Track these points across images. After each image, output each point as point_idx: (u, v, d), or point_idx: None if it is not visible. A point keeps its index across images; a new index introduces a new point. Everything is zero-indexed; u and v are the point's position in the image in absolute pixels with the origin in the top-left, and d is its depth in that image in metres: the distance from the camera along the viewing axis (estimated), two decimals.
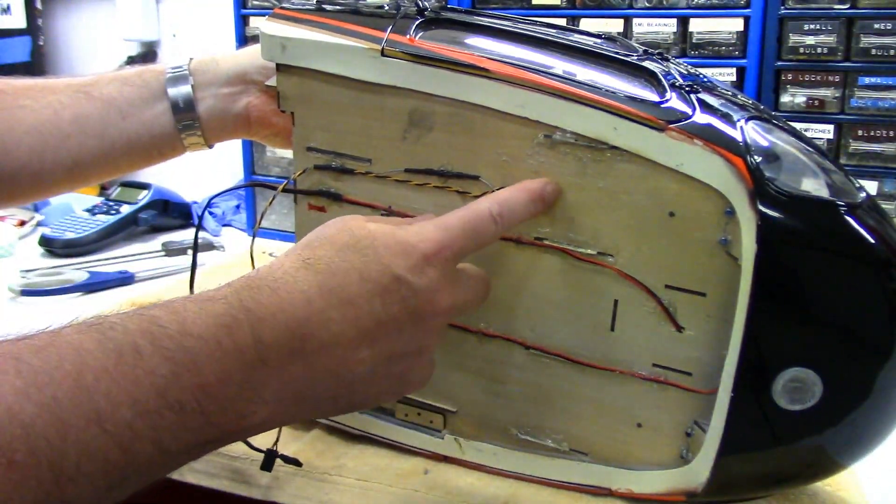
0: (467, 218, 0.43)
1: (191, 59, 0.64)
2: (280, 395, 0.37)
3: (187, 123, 0.62)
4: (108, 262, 1.04)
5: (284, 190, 0.53)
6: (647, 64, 0.48)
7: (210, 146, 0.65)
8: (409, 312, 0.40)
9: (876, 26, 0.86)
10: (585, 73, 0.47)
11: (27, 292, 0.89)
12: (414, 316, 0.40)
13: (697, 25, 0.94)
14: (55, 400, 0.30)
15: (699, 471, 0.47)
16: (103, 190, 1.29)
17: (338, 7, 0.53)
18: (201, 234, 1.16)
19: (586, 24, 0.96)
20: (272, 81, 0.54)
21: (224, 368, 0.35)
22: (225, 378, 0.35)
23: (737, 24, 0.92)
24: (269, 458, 0.52)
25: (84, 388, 0.31)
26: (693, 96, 0.45)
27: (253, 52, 0.63)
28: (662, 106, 0.45)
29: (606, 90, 0.45)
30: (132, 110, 0.61)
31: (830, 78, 0.89)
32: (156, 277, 0.97)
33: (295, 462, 0.52)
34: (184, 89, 0.62)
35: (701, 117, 0.44)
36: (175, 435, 0.33)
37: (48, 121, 0.59)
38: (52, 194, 0.64)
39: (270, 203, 0.54)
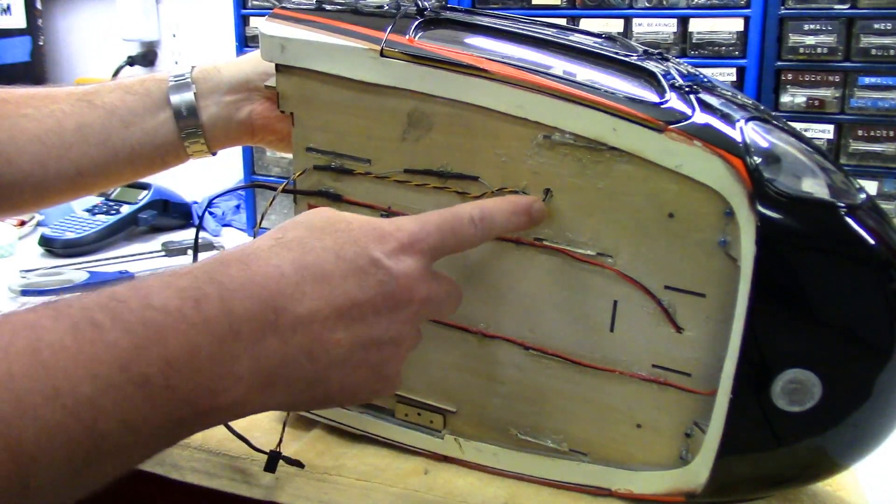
0: (446, 217, 0.43)
1: (193, 67, 0.64)
2: (253, 371, 0.35)
3: (190, 131, 0.62)
4: (108, 262, 1.04)
5: (284, 190, 0.53)
6: (646, 64, 0.48)
7: (213, 153, 0.65)
8: (386, 297, 0.39)
9: (876, 26, 0.86)
10: (585, 73, 0.47)
11: (27, 292, 0.89)
12: (390, 301, 0.39)
13: (697, 25, 0.93)
14: (10, 376, 0.29)
15: (699, 471, 0.47)
16: None
17: (337, 7, 0.53)
18: (201, 234, 1.16)
19: (586, 24, 0.96)
20: (272, 82, 0.54)
21: (191, 340, 0.33)
22: (192, 350, 0.33)
23: (737, 24, 0.92)
24: (273, 460, 0.52)
25: (40, 363, 0.30)
26: (693, 97, 0.45)
27: (255, 58, 0.63)
28: (662, 107, 0.45)
29: (606, 91, 0.45)
30: (134, 119, 0.61)
31: (830, 78, 0.89)
32: None
33: (297, 464, 0.53)
34: (186, 97, 0.62)
35: (700, 118, 0.44)
36: (142, 412, 0.32)
37: (51, 130, 0.59)
38: (55, 203, 0.64)
39: (270, 203, 0.54)
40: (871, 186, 0.89)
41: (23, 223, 1.16)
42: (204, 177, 1.18)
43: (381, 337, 0.40)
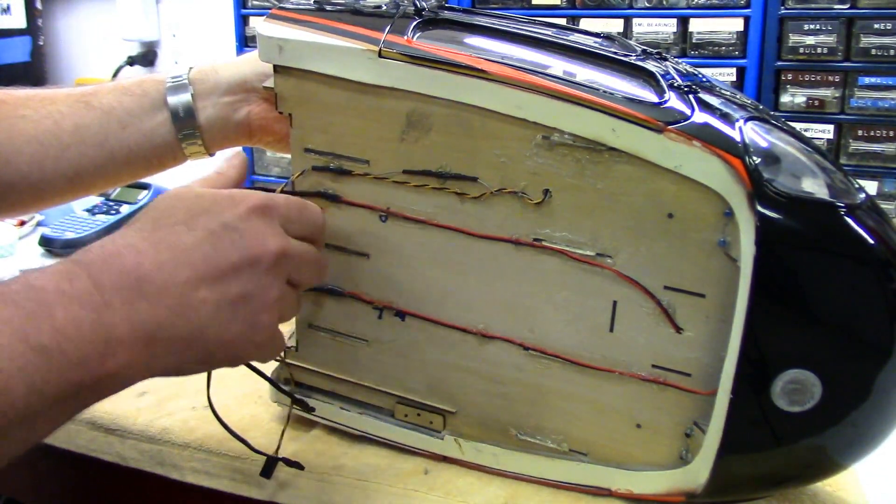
0: (291, 199, 0.47)
1: (190, 68, 0.64)
2: (132, 334, 0.39)
3: (188, 132, 0.62)
4: None
5: (283, 192, 0.53)
6: (645, 64, 0.48)
7: (211, 154, 0.65)
8: (241, 253, 0.42)
9: (876, 26, 0.86)
10: (584, 73, 0.47)
11: None
12: (246, 257, 0.42)
13: (697, 25, 0.94)
14: None
15: (698, 471, 0.47)
16: None
17: (336, 7, 0.53)
18: None
19: (586, 24, 0.97)
20: (270, 83, 0.54)
21: (72, 311, 0.37)
22: (76, 321, 0.37)
23: (737, 24, 0.92)
24: (270, 465, 0.52)
25: None
26: (692, 97, 0.45)
27: (253, 59, 0.62)
28: (661, 107, 0.45)
29: (605, 91, 0.45)
30: (132, 120, 0.61)
31: (830, 78, 0.90)
32: None
33: (297, 465, 0.52)
34: (184, 98, 0.62)
35: (700, 118, 0.44)
36: (45, 377, 0.35)
37: (48, 131, 0.59)
38: (53, 204, 0.64)
39: None
40: (871, 186, 0.89)
41: (23, 223, 1.16)
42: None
43: (245, 291, 0.42)
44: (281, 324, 0.46)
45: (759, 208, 0.42)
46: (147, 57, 1.50)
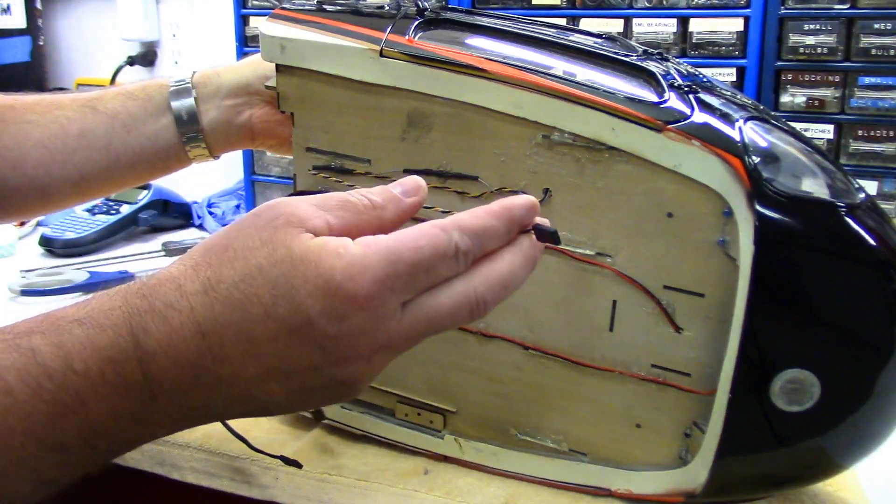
0: (424, 253, 0.34)
1: (194, 71, 0.64)
2: (180, 422, 0.35)
3: (191, 136, 0.63)
4: (108, 262, 1.04)
5: (293, 194, 0.53)
6: (646, 64, 0.48)
7: (216, 157, 0.65)
8: (325, 355, 0.34)
9: (876, 26, 0.86)
10: (584, 73, 0.47)
11: (27, 292, 0.89)
12: (331, 360, 0.34)
13: (697, 25, 0.94)
14: None
15: (698, 472, 0.47)
16: None
17: (338, 7, 0.53)
18: (201, 234, 1.16)
19: (586, 24, 0.97)
20: (272, 82, 0.54)
21: (112, 405, 0.32)
22: (115, 414, 0.32)
23: (737, 24, 0.92)
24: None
25: None
26: (692, 96, 0.45)
27: (255, 62, 0.63)
28: (661, 106, 0.45)
29: (604, 90, 0.45)
30: (136, 124, 0.62)
31: (830, 78, 0.90)
32: None
33: (296, 464, 0.53)
34: (187, 102, 0.62)
35: (699, 118, 0.44)
36: (62, 470, 0.32)
37: (55, 135, 0.60)
38: (60, 208, 0.65)
39: None
40: (871, 186, 0.89)
41: (23, 223, 1.16)
42: (204, 177, 1.18)
43: (324, 384, 0.35)
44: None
45: (759, 208, 0.42)
46: (147, 57, 1.50)
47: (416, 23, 0.50)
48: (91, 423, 0.32)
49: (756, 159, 0.43)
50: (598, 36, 0.56)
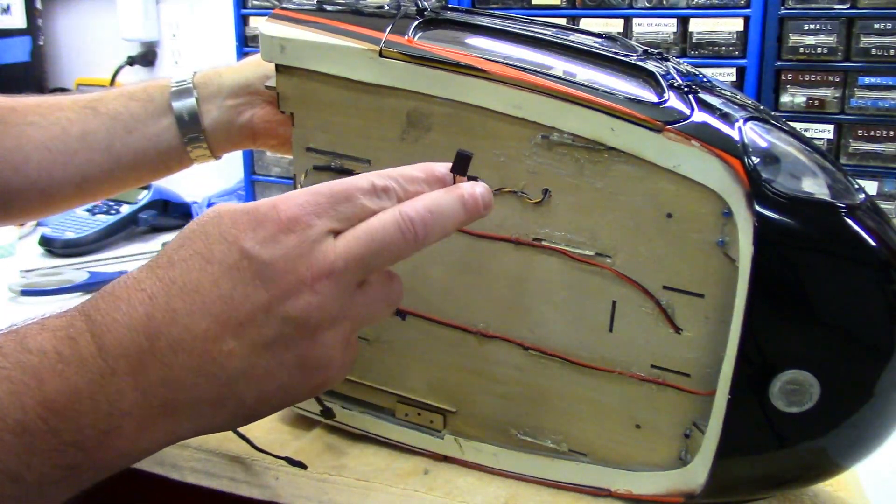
0: (343, 184, 0.36)
1: (195, 72, 0.64)
2: (142, 404, 0.33)
3: (193, 136, 0.63)
4: (108, 262, 1.04)
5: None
6: (645, 64, 0.48)
7: (217, 157, 0.65)
8: (268, 288, 0.34)
9: (876, 26, 0.86)
10: (584, 73, 0.47)
11: (27, 292, 0.89)
12: (277, 292, 0.34)
13: (697, 25, 0.94)
14: None
15: (697, 472, 0.47)
16: None
17: (338, 7, 0.53)
18: None
19: (586, 24, 0.97)
20: (272, 82, 0.54)
21: (69, 381, 0.32)
22: (73, 392, 0.32)
23: (737, 24, 0.92)
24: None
25: None
26: (691, 97, 0.45)
27: (256, 62, 0.63)
28: (660, 107, 0.45)
29: (604, 91, 0.45)
30: (137, 125, 0.62)
31: (830, 78, 0.90)
32: None
33: (298, 464, 0.53)
34: (188, 103, 0.62)
35: (699, 118, 0.44)
36: (24, 460, 0.31)
37: (56, 137, 0.60)
38: (62, 210, 0.65)
39: None
40: (871, 186, 0.89)
41: (23, 223, 1.16)
42: (204, 177, 1.19)
43: (281, 332, 0.34)
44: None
45: (758, 208, 0.42)
46: (147, 57, 1.50)
47: (416, 23, 0.50)
48: (48, 402, 0.31)
49: (756, 160, 0.43)
50: (598, 36, 0.56)
